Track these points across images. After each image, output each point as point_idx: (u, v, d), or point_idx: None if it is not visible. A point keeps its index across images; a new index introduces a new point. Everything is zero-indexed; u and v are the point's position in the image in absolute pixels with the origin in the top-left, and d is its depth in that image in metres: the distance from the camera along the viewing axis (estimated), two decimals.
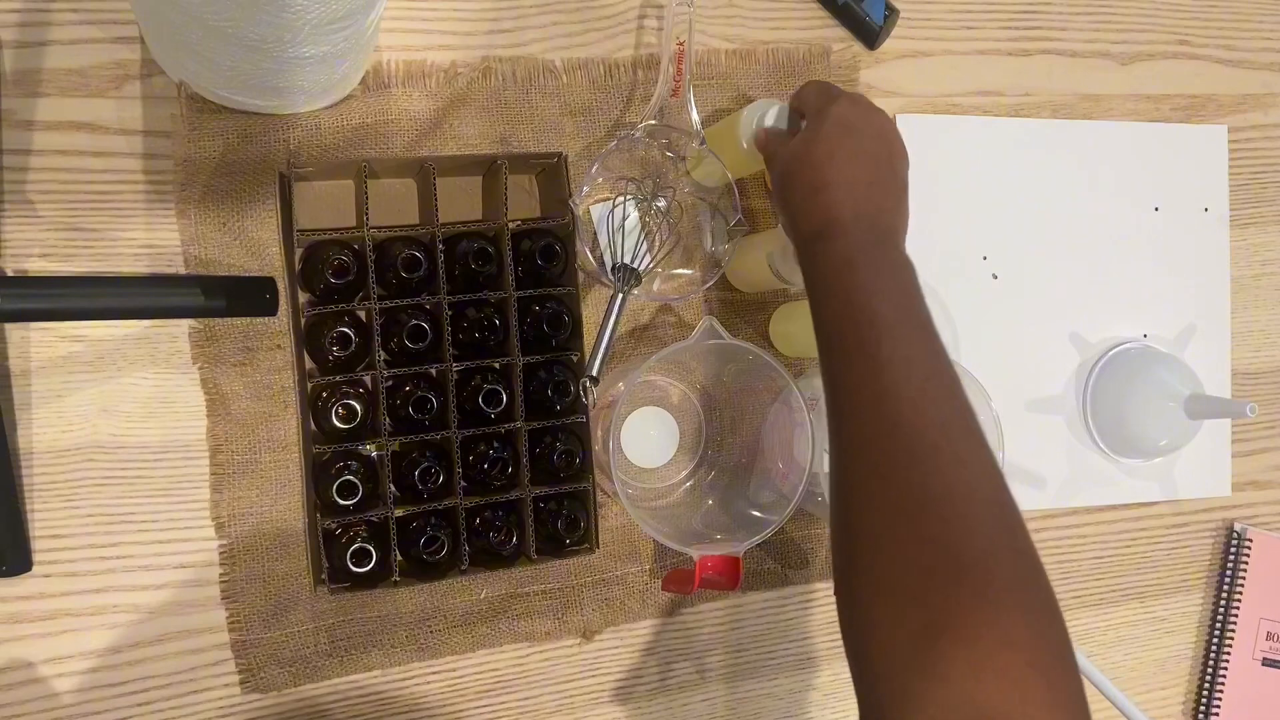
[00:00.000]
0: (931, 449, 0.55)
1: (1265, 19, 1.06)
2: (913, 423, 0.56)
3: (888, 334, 0.60)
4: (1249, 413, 0.88)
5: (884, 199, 0.66)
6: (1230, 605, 1.02)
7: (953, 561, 0.51)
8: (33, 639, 0.74)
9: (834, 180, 0.65)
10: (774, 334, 0.90)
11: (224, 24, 0.60)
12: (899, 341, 0.60)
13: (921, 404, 0.57)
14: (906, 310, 0.61)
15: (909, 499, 0.54)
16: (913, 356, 0.59)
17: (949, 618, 0.49)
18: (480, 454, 0.79)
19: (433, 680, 0.83)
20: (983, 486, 0.55)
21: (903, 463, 0.55)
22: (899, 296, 0.62)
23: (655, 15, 0.88)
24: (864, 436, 0.58)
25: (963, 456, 0.56)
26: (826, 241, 0.64)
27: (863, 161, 0.66)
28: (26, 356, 0.74)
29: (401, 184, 0.82)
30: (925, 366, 0.59)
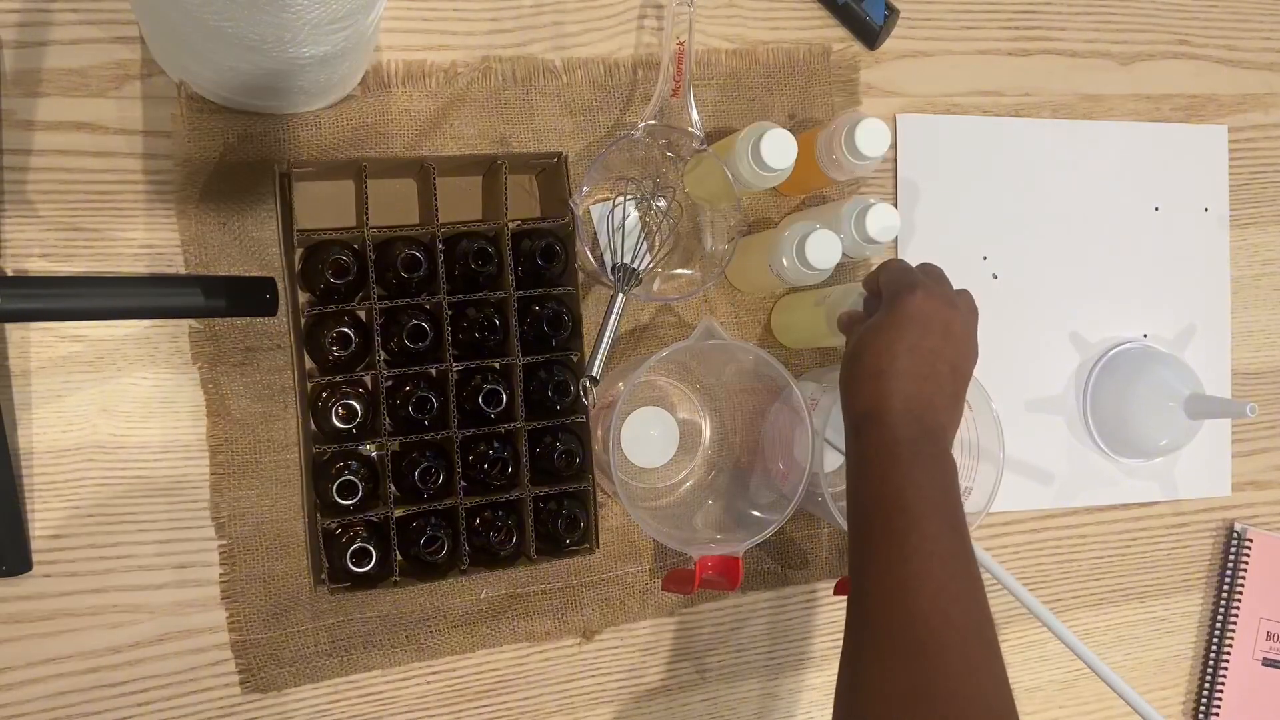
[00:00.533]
0: (941, 647, 0.57)
1: (1265, 19, 1.06)
2: (928, 619, 0.58)
3: (916, 526, 0.61)
4: (1249, 413, 0.88)
5: (936, 395, 0.67)
6: (1230, 605, 1.02)
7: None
8: (33, 639, 0.74)
9: (890, 369, 0.67)
10: (775, 325, 0.90)
11: (224, 24, 0.60)
12: (926, 536, 0.61)
13: (940, 601, 0.59)
14: (939, 507, 0.63)
15: (915, 694, 0.56)
16: (937, 553, 0.61)
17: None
18: (480, 454, 0.79)
19: (433, 680, 0.83)
20: (988, 695, 0.57)
21: (913, 654, 0.57)
22: (933, 492, 0.63)
23: (655, 15, 0.88)
24: (880, 621, 0.60)
25: (973, 661, 0.57)
26: (872, 425, 0.66)
27: (922, 355, 0.67)
28: (26, 356, 0.74)
29: (401, 184, 0.82)
30: (949, 566, 0.61)
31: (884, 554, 0.61)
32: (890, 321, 0.68)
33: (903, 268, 0.73)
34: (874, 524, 0.63)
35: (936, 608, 0.58)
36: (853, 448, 0.68)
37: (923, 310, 0.68)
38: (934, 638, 0.57)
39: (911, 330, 0.68)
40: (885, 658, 0.58)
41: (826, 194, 0.92)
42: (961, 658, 0.57)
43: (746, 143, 0.79)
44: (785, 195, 0.91)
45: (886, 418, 0.66)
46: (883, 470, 0.64)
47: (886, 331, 0.68)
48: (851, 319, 0.76)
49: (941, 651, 0.57)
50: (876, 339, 0.68)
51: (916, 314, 0.68)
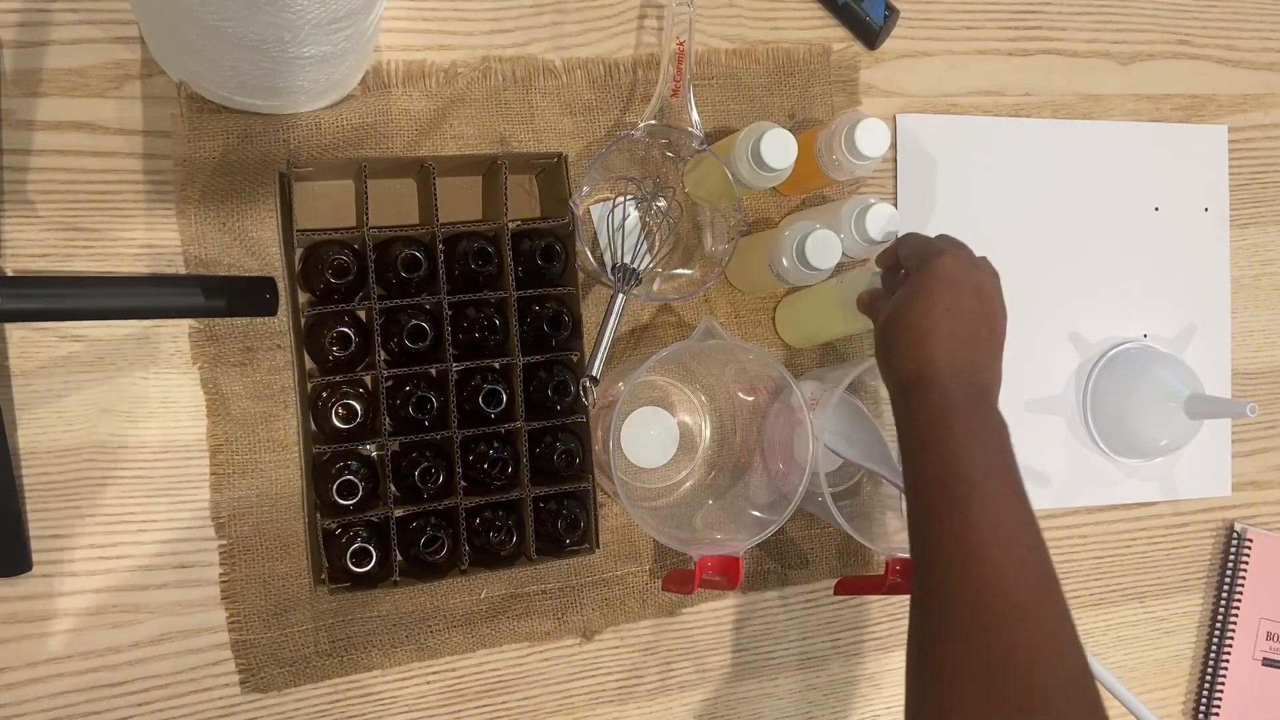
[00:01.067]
0: (1018, 614, 0.57)
1: (1265, 19, 1.06)
2: (998, 585, 0.58)
3: (979, 492, 0.61)
4: (1249, 413, 0.88)
5: (979, 355, 0.67)
6: (1230, 605, 1.02)
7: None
8: (33, 639, 0.74)
9: (932, 333, 0.67)
10: (781, 321, 0.90)
11: (224, 24, 0.60)
12: (989, 501, 0.61)
13: (1009, 567, 0.58)
14: (999, 470, 0.62)
15: (994, 664, 0.55)
16: (1002, 518, 0.60)
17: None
18: (480, 454, 0.79)
19: (433, 680, 0.83)
20: (1067, 658, 0.56)
21: (988, 625, 0.57)
22: (992, 455, 0.63)
23: (655, 15, 0.88)
24: (949, 593, 0.59)
25: (1048, 624, 0.57)
26: (922, 392, 0.66)
27: (961, 317, 0.67)
28: (26, 356, 0.74)
29: (401, 184, 0.82)
30: (1015, 529, 0.60)
31: (948, 523, 0.61)
32: (923, 287, 0.68)
33: (924, 237, 0.73)
34: (934, 493, 0.62)
35: (1006, 575, 0.58)
36: (903, 416, 0.67)
37: (953, 273, 0.68)
38: (1008, 606, 0.57)
39: (946, 293, 0.67)
40: (960, 630, 0.57)
41: (826, 194, 0.92)
42: (1037, 624, 0.57)
43: (746, 143, 0.79)
44: (785, 195, 0.91)
45: (936, 381, 0.65)
46: (938, 436, 0.64)
47: (922, 297, 0.68)
48: (874, 297, 0.75)
49: (1019, 620, 0.56)
50: (913, 305, 0.68)
51: (948, 277, 0.68)
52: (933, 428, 0.64)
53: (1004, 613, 0.57)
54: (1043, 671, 0.55)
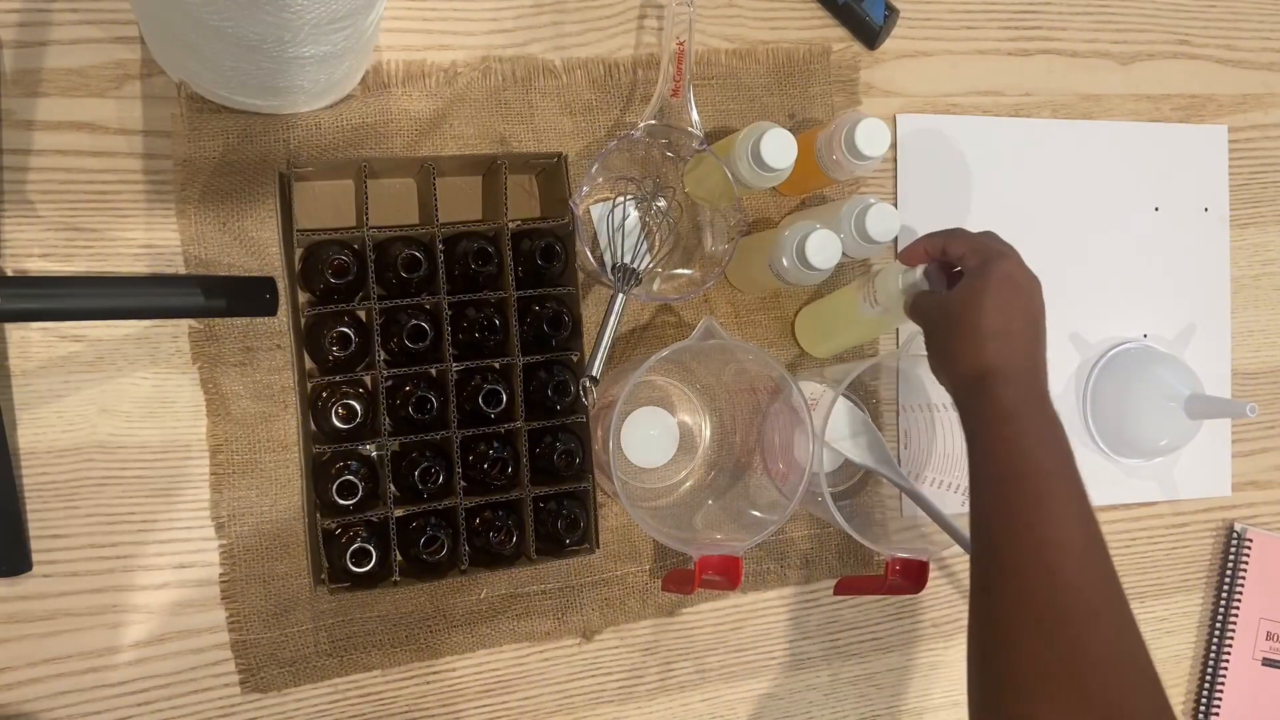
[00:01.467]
0: (1093, 610, 0.58)
1: (1265, 19, 1.06)
2: (1074, 581, 0.59)
3: (1051, 489, 0.62)
4: (1249, 413, 0.88)
5: (1039, 355, 0.69)
6: (1230, 605, 1.02)
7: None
8: (33, 639, 0.74)
9: (1007, 331, 0.68)
10: (801, 331, 0.90)
11: (224, 24, 0.60)
12: (1062, 498, 0.62)
13: (1083, 562, 0.60)
14: (1069, 468, 0.64)
15: (1074, 660, 0.56)
16: (1074, 514, 0.62)
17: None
18: (480, 454, 0.79)
19: (433, 680, 0.83)
20: (1138, 654, 0.58)
21: (1065, 620, 0.58)
22: (1062, 454, 0.64)
23: (655, 15, 0.88)
24: (1024, 588, 0.60)
25: (1120, 623, 0.58)
26: (995, 387, 0.67)
27: (1024, 318, 0.69)
28: (26, 356, 0.74)
29: (401, 184, 0.82)
30: (1085, 526, 0.62)
31: (1021, 517, 0.61)
32: (994, 286, 0.69)
33: (977, 235, 0.74)
34: (1007, 487, 0.63)
35: (1080, 570, 0.59)
36: (972, 408, 0.68)
37: (1016, 275, 0.70)
38: (1081, 601, 0.58)
39: (1016, 294, 0.69)
40: (1033, 623, 0.58)
41: (826, 194, 0.92)
42: (1109, 620, 0.58)
43: (746, 143, 0.79)
44: (785, 195, 0.91)
45: (1009, 378, 0.66)
46: (1012, 431, 0.64)
47: (994, 295, 0.68)
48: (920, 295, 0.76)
49: (1092, 616, 0.57)
50: (986, 301, 0.68)
51: (1015, 278, 0.69)
52: (1007, 423, 0.65)
53: (1078, 608, 0.58)
54: (1117, 668, 0.56)
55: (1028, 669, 0.57)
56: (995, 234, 0.74)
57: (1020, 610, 0.59)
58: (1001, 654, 0.59)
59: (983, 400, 0.67)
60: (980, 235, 0.74)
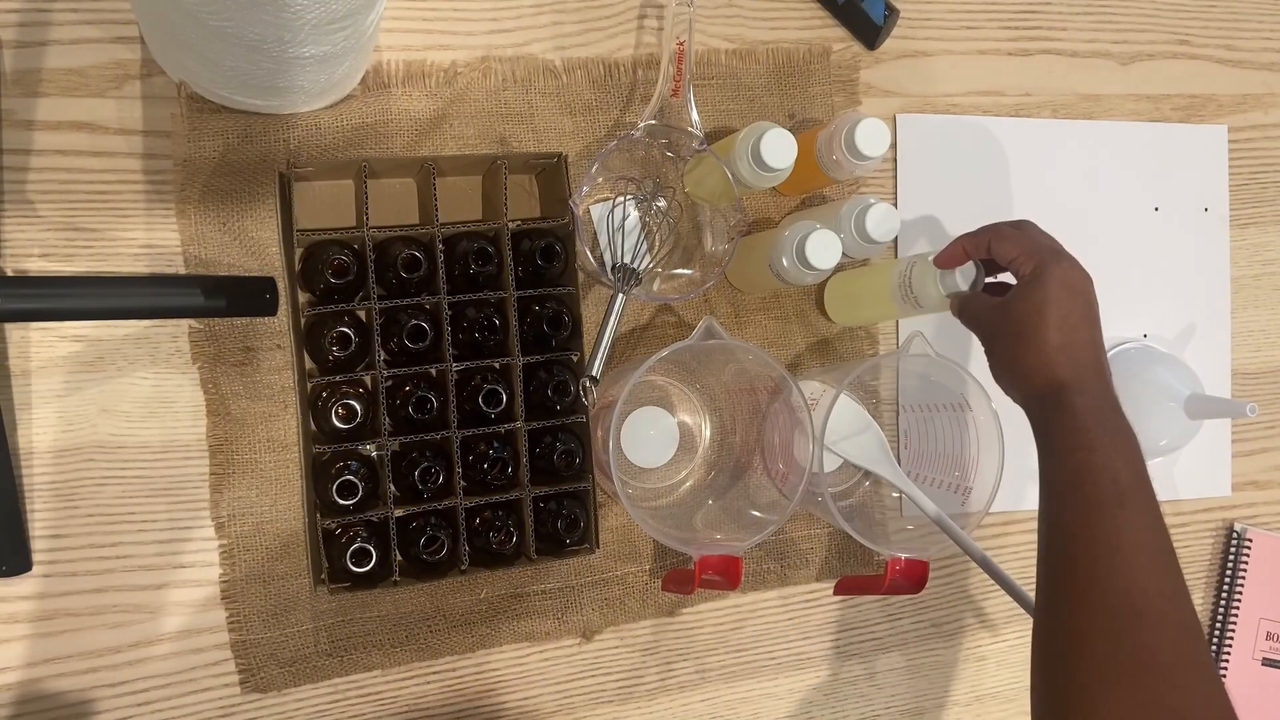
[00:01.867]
0: (1160, 616, 0.59)
1: (1265, 19, 1.06)
2: (1145, 587, 0.59)
3: (1129, 495, 0.62)
4: (1249, 413, 0.88)
5: (1104, 359, 0.70)
6: (1230, 605, 1.02)
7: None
8: (33, 639, 0.74)
9: (1075, 340, 0.68)
10: (829, 297, 0.90)
11: (223, 24, 0.60)
12: (1137, 506, 0.62)
13: (1153, 570, 0.60)
14: (1142, 475, 0.64)
15: (1142, 663, 0.57)
16: (1147, 524, 0.62)
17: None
18: (480, 454, 0.79)
19: (433, 680, 0.83)
20: (1205, 662, 0.58)
21: (1135, 625, 0.58)
22: (1134, 462, 0.64)
23: (655, 15, 0.88)
24: (1094, 590, 0.60)
25: (1190, 629, 0.59)
26: (1070, 398, 0.67)
27: (1087, 324, 0.69)
28: (26, 356, 0.74)
29: (401, 184, 0.82)
30: (1157, 536, 0.62)
31: (1096, 525, 0.62)
32: (1052, 293, 0.68)
33: (1025, 233, 0.73)
34: (1081, 494, 0.63)
35: (1150, 577, 0.60)
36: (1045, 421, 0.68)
37: (1071, 278, 0.69)
38: (1152, 607, 0.59)
39: (1077, 299, 0.69)
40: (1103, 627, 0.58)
41: (826, 194, 0.92)
42: (1178, 627, 0.58)
43: (746, 143, 0.79)
44: (785, 195, 0.91)
45: (1083, 388, 0.67)
46: (1089, 441, 0.65)
47: (1054, 304, 0.68)
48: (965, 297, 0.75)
49: (1161, 622, 0.58)
50: (1046, 312, 0.68)
51: (1071, 281, 0.69)
52: (1084, 433, 0.65)
53: (1148, 613, 0.58)
54: (1185, 674, 0.57)
55: (1096, 673, 0.57)
56: (1035, 225, 0.73)
57: (1090, 615, 0.60)
58: (1070, 657, 0.59)
59: (1057, 414, 0.67)
60: (1025, 234, 0.73)
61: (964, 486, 0.86)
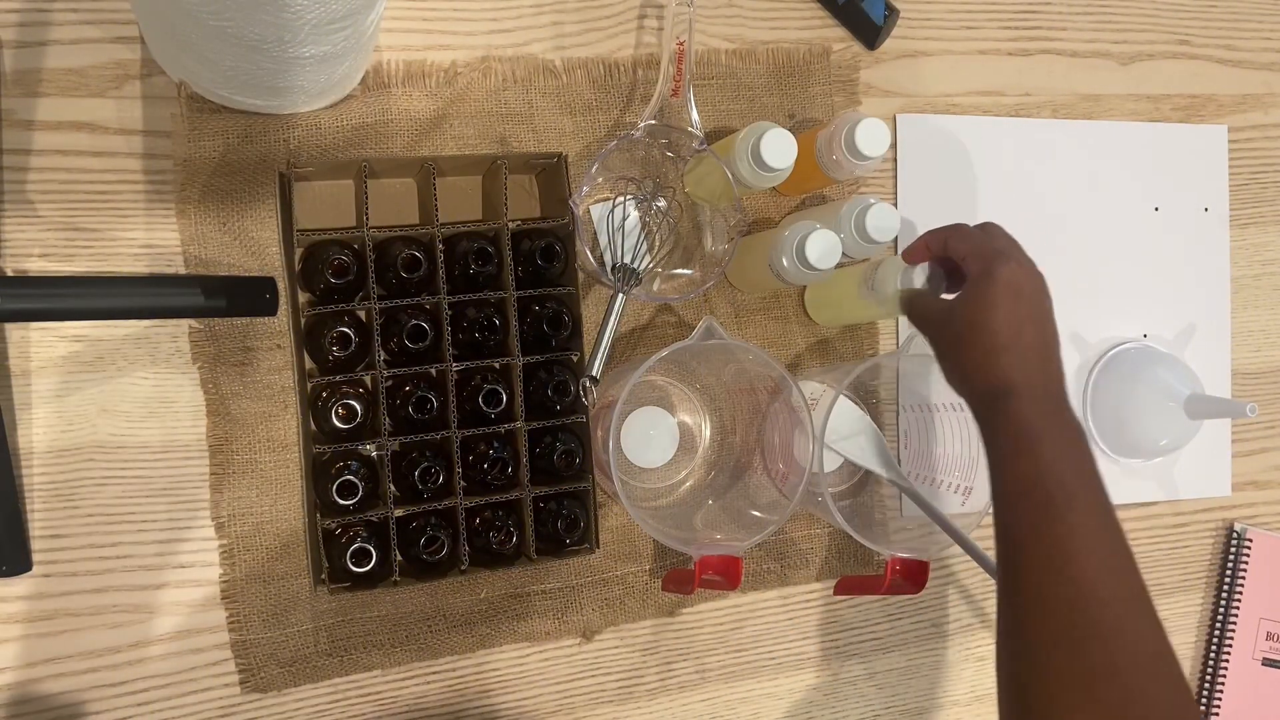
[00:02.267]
0: (1117, 624, 0.57)
1: (1265, 19, 1.06)
2: (1098, 593, 0.58)
3: (1075, 502, 0.61)
4: (1249, 413, 0.88)
5: (1053, 361, 0.68)
6: (1230, 605, 1.02)
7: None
8: (33, 639, 0.74)
9: (1016, 343, 0.67)
10: (809, 300, 0.90)
11: (223, 24, 0.60)
12: (1085, 511, 0.61)
13: (1106, 575, 0.59)
14: (1090, 477, 0.63)
15: (1098, 675, 0.56)
16: (1097, 526, 0.61)
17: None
18: (480, 454, 0.79)
19: (433, 680, 0.83)
20: (1162, 666, 0.57)
21: (1091, 635, 0.57)
22: (1085, 464, 0.63)
23: (655, 15, 0.88)
24: (1047, 601, 0.59)
25: (1146, 634, 0.58)
26: (1011, 402, 0.66)
27: (1034, 325, 0.68)
28: (26, 356, 0.74)
29: (401, 184, 0.82)
30: (1109, 538, 0.61)
31: (1045, 531, 0.61)
32: (998, 295, 0.68)
33: (983, 234, 0.72)
34: (1028, 501, 0.62)
35: (1104, 583, 0.59)
36: (991, 424, 0.67)
37: (1021, 280, 0.68)
38: (1106, 614, 0.58)
39: (1020, 301, 0.68)
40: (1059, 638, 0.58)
41: (826, 194, 0.92)
42: (1135, 633, 0.57)
43: (746, 143, 0.79)
44: (785, 195, 0.91)
45: (1023, 391, 0.66)
46: (1031, 445, 0.64)
47: (999, 306, 0.68)
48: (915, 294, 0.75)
49: (1118, 629, 0.57)
50: (991, 314, 0.68)
51: (1018, 283, 0.68)
52: (1026, 437, 0.64)
53: (1103, 622, 0.57)
54: (1144, 679, 0.56)
55: (1055, 686, 0.57)
56: (997, 228, 0.73)
57: (1046, 627, 0.59)
58: (1029, 671, 0.59)
59: (1000, 417, 0.66)
60: (981, 234, 0.73)
61: (964, 486, 0.86)
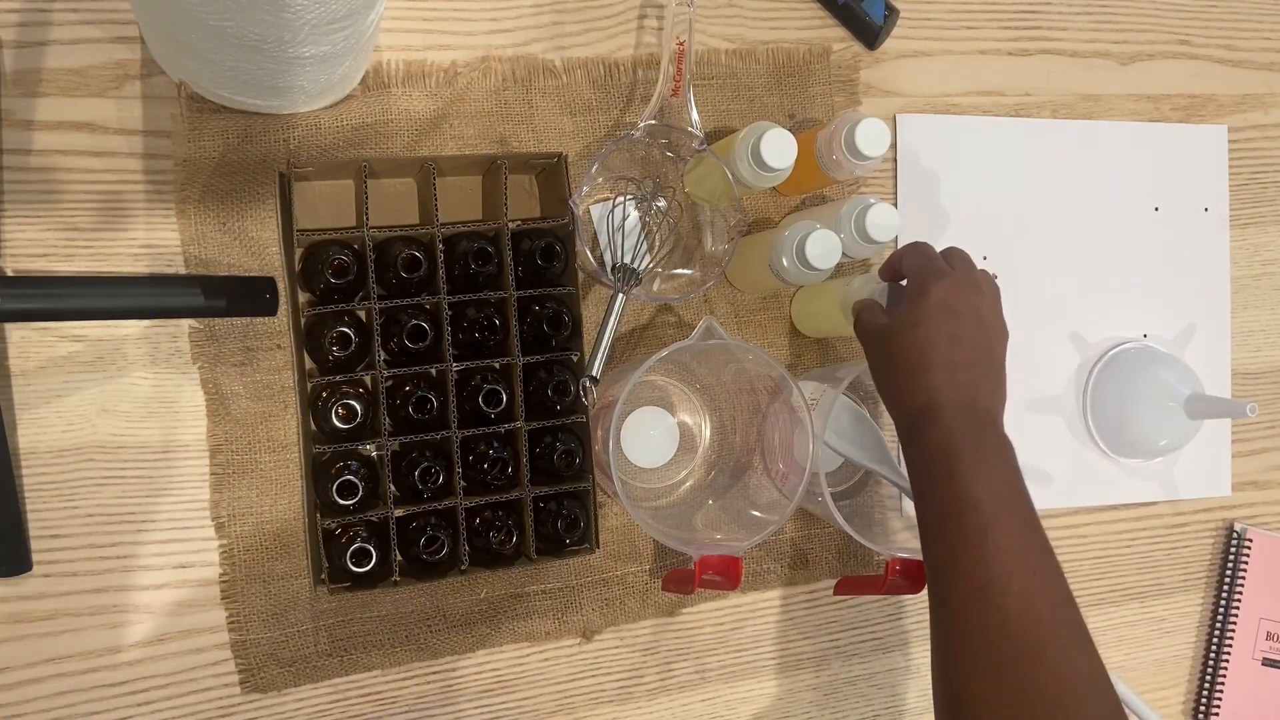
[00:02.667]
0: (1040, 647, 0.56)
1: (1265, 19, 1.06)
2: (1021, 618, 0.57)
3: (992, 525, 0.60)
4: (1249, 413, 0.88)
5: (982, 381, 0.67)
6: (1230, 605, 1.02)
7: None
8: (33, 639, 0.74)
9: (935, 364, 0.67)
10: (795, 313, 0.90)
11: (223, 24, 0.60)
12: (1004, 533, 0.60)
13: (1029, 598, 0.58)
14: (1011, 500, 0.62)
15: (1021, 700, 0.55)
16: (1018, 548, 0.60)
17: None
18: (480, 454, 0.79)
19: (433, 680, 0.83)
20: (1091, 687, 0.56)
21: (1014, 660, 0.56)
22: (1002, 484, 0.63)
23: (655, 15, 0.88)
24: (971, 629, 0.59)
25: (1072, 655, 0.57)
26: (928, 424, 0.66)
27: (962, 346, 0.67)
28: (26, 356, 0.74)
29: (401, 184, 0.82)
30: (1032, 558, 0.60)
31: (964, 557, 0.60)
32: (923, 315, 0.68)
33: (926, 254, 0.72)
34: (948, 527, 0.62)
35: (1028, 608, 0.58)
36: (911, 447, 0.67)
37: (951, 300, 0.68)
38: (1031, 640, 0.57)
39: (946, 320, 0.67)
40: (984, 666, 0.57)
41: (826, 194, 0.92)
42: (1061, 655, 0.56)
43: (746, 143, 0.79)
44: (785, 195, 0.91)
45: (942, 413, 0.65)
46: (948, 468, 0.63)
47: (923, 326, 0.67)
48: (864, 308, 0.75)
49: (1041, 653, 0.56)
50: (914, 334, 0.68)
51: (946, 304, 0.68)
52: (942, 460, 0.64)
53: (1026, 646, 0.57)
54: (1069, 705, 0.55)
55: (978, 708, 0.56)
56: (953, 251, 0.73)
57: (967, 648, 0.58)
58: (956, 696, 0.58)
59: (917, 439, 0.66)
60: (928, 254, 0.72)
61: None
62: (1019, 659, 0.56)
